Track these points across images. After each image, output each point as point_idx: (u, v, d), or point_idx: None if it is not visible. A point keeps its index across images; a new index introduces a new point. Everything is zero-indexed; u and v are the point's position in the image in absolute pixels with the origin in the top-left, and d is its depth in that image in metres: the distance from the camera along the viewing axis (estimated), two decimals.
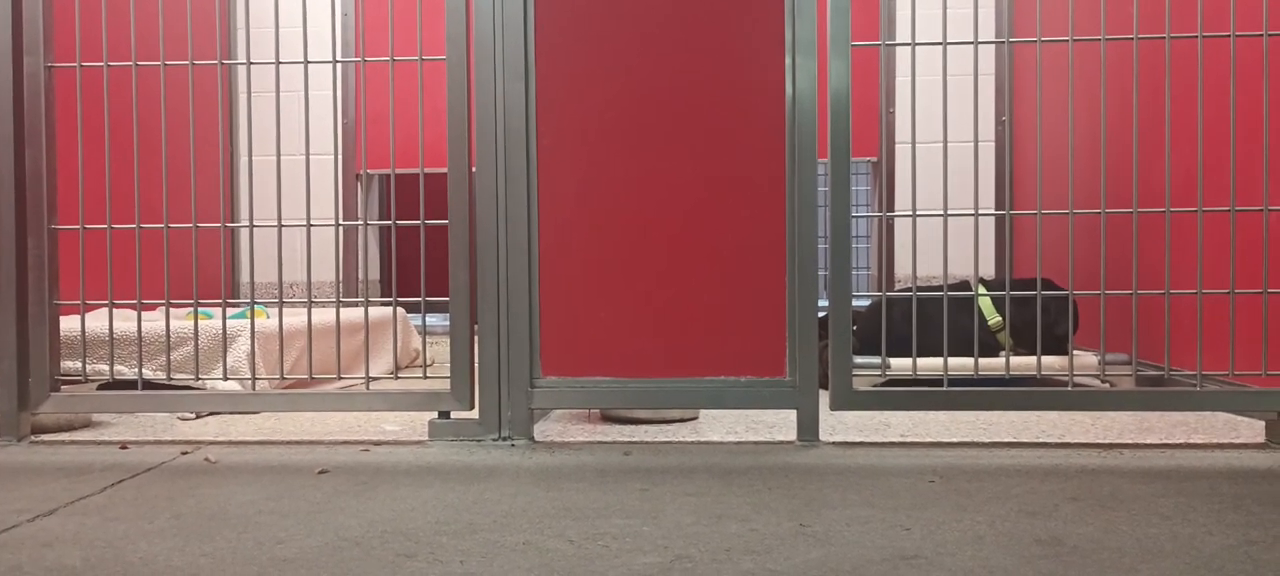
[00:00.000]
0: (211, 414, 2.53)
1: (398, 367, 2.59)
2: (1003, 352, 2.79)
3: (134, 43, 2.23)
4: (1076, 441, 2.14)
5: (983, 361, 2.25)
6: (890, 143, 4.27)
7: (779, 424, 2.33)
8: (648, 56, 2.15)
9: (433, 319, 3.87)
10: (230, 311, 2.99)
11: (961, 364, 2.25)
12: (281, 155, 2.27)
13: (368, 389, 2.25)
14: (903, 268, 4.30)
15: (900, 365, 2.53)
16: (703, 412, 2.49)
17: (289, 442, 2.20)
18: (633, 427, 2.33)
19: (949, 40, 2.17)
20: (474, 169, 2.16)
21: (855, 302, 2.18)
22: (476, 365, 2.17)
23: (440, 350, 3.51)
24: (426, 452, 2.07)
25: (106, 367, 2.49)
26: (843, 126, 2.11)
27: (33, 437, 2.26)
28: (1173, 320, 2.29)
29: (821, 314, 2.16)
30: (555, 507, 1.60)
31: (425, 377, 2.29)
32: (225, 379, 2.56)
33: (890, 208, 4.29)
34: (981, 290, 2.91)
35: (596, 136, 2.16)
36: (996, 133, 4.21)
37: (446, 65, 2.15)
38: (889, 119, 4.25)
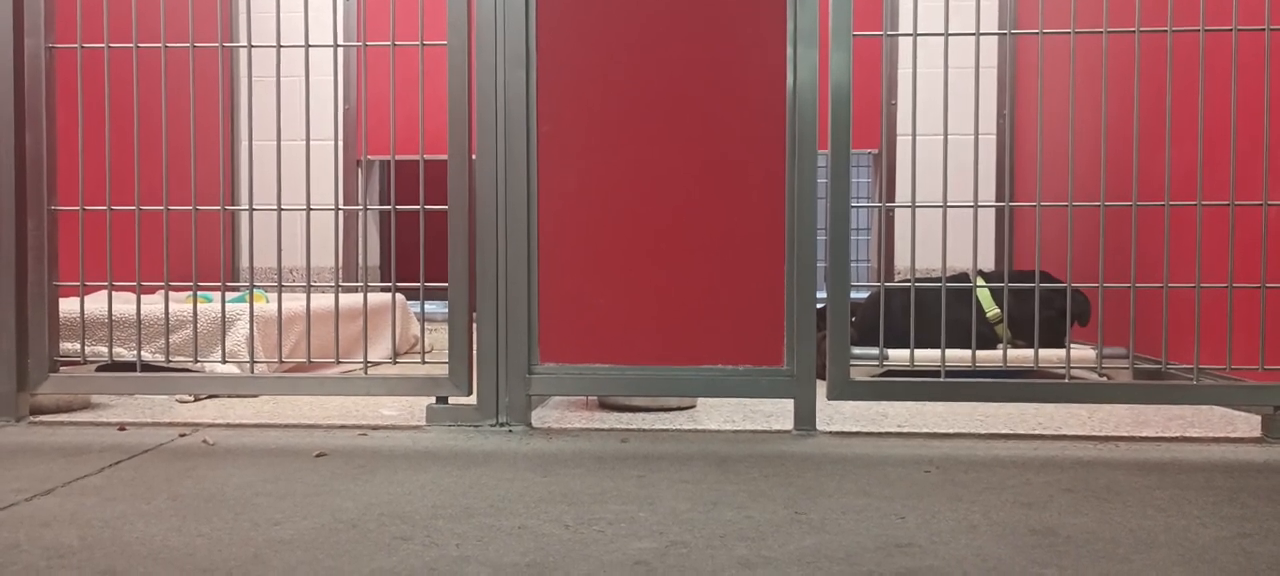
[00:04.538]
0: (210, 396, 2.54)
1: (396, 353, 2.60)
2: (1001, 345, 2.79)
3: (135, 24, 2.23)
4: (1073, 434, 2.14)
5: (980, 353, 2.25)
6: (891, 134, 4.27)
7: (776, 413, 2.33)
8: (649, 45, 2.14)
9: (432, 305, 3.87)
10: (229, 295, 2.99)
11: (959, 355, 2.26)
12: (282, 139, 2.27)
13: (366, 373, 2.25)
14: (902, 259, 4.30)
15: (898, 356, 2.53)
16: (701, 401, 2.50)
17: (287, 426, 2.20)
18: (630, 415, 2.34)
19: (951, 32, 2.17)
20: (474, 156, 2.16)
21: (854, 294, 2.18)
22: (475, 351, 2.17)
23: (439, 336, 3.51)
24: (423, 437, 2.07)
25: (105, 349, 2.50)
26: (843, 117, 2.11)
27: (31, 418, 2.27)
28: (1171, 314, 2.29)
29: (820, 304, 2.16)
30: (551, 493, 1.60)
31: (423, 363, 2.29)
32: (224, 362, 2.56)
33: (890, 199, 4.28)
34: (980, 282, 2.91)
35: (597, 124, 2.16)
36: (998, 125, 4.21)
37: (448, 51, 2.14)
38: (890, 110, 4.25)
